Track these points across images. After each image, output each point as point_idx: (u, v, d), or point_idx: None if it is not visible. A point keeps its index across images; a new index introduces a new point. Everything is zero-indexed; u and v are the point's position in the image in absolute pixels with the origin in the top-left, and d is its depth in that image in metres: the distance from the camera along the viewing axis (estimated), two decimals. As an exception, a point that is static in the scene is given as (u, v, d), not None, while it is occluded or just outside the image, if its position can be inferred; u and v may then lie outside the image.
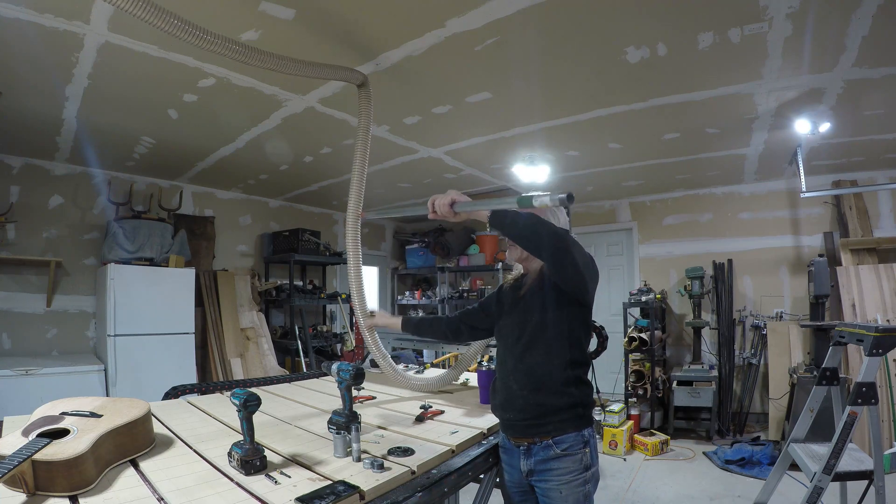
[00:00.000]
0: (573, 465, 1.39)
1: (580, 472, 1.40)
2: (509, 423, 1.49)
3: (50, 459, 0.98)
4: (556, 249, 1.31)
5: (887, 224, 4.51)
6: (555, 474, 1.40)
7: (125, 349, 3.78)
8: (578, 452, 1.40)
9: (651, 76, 2.67)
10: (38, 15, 1.99)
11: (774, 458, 3.50)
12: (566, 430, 1.40)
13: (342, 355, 5.57)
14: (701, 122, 3.38)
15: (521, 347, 1.47)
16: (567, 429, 1.40)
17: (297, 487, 1.08)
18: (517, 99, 3.00)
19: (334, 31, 2.22)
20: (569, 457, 1.39)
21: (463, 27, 2.18)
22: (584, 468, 1.40)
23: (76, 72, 2.50)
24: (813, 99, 2.94)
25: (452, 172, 4.68)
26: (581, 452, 1.40)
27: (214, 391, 2.18)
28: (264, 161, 4.21)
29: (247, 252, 5.53)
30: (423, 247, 6.98)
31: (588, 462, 1.41)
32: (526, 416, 1.43)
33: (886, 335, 1.91)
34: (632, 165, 4.48)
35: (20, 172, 3.91)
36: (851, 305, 4.15)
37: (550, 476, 1.40)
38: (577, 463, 1.39)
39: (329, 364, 1.53)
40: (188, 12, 1.88)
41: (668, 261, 5.60)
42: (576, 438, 1.40)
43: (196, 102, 2.94)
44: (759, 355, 4.85)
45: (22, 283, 3.89)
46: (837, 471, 1.94)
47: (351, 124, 3.33)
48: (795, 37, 2.23)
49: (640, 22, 2.17)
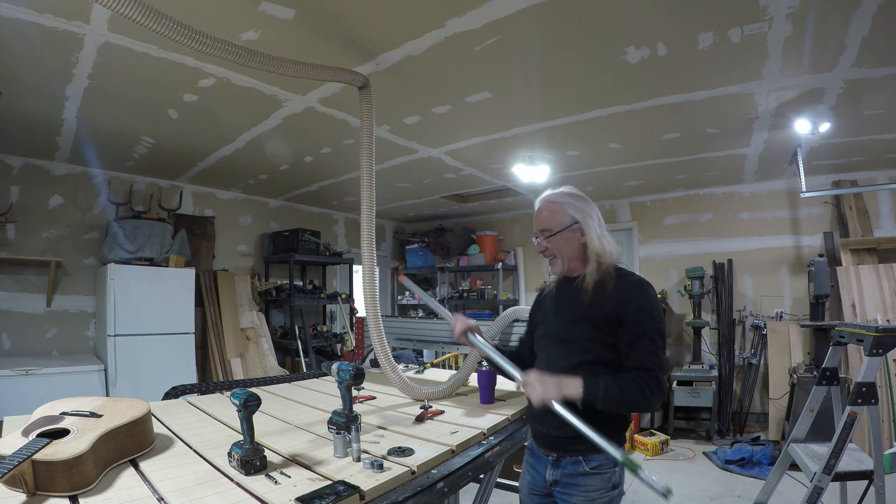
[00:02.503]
0: (600, 484, 1.36)
1: (606, 490, 1.36)
2: (542, 435, 1.46)
3: (50, 459, 0.98)
4: (654, 406, 1.31)
5: (887, 224, 4.51)
6: (580, 489, 1.36)
7: (125, 349, 3.78)
8: (608, 472, 1.36)
9: (651, 76, 2.66)
10: (38, 15, 1.99)
11: (774, 458, 3.50)
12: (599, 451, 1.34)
13: (342, 355, 5.57)
14: (701, 122, 3.37)
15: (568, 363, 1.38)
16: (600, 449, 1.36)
17: (297, 487, 1.08)
18: (517, 99, 2.99)
19: (334, 32, 2.22)
20: (598, 475, 1.36)
21: (463, 27, 2.18)
22: (611, 487, 1.36)
23: (76, 72, 2.49)
24: (813, 99, 2.94)
25: (452, 172, 4.68)
26: (610, 472, 1.36)
27: (214, 391, 2.18)
28: (264, 161, 4.21)
29: (247, 252, 5.53)
30: (423, 247, 6.98)
31: (616, 481, 1.37)
32: (561, 435, 1.37)
33: (886, 335, 1.91)
34: (632, 165, 4.48)
35: (20, 172, 3.91)
36: (851, 305, 4.15)
37: (576, 491, 1.37)
38: (604, 482, 1.36)
39: (329, 364, 1.53)
40: (188, 13, 1.89)
41: (668, 261, 5.60)
42: (607, 458, 1.34)
43: (196, 102, 2.93)
44: (759, 355, 4.85)
45: (22, 283, 3.89)
46: (837, 471, 1.94)
47: (351, 124, 3.33)
48: (795, 37, 2.23)
49: (640, 22, 2.17)
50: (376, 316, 2.12)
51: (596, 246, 1.40)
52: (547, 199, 1.49)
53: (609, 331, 1.34)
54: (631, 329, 1.32)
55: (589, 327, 1.37)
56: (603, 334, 1.35)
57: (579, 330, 1.39)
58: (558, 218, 1.44)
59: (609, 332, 1.34)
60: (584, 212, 1.44)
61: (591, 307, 1.37)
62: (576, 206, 1.45)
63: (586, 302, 1.38)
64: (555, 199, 1.47)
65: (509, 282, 6.75)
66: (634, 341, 1.31)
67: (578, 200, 1.46)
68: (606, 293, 1.36)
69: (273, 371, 4.82)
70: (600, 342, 1.35)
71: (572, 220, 1.43)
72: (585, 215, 1.43)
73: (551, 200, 1.48)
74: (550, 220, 1.46)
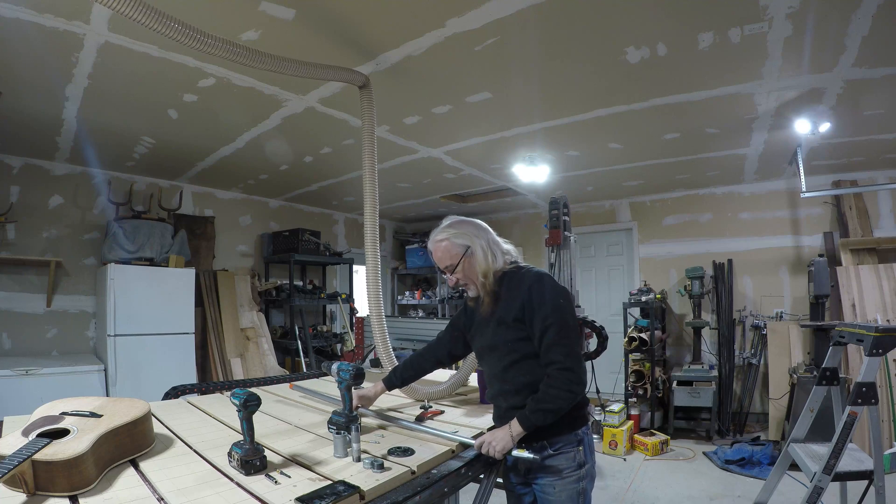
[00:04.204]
0: (567, 463, 1.44)
1: (574, 469, 1.44)
2: None
3: (50, 459, 0.98)
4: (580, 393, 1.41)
5: (887, 224, 4.51)
6: (549, 472, 1.45)
7: (125, 349, 3.78)
8: (572, 451, 1.45)
9: (651, 76, 2.67)
10: (38, 15, 1.99)
11: (774, 458, 3.50)
12: (561, 433, 1.44)
13: (342, 355, 5.57)
14: (701, 122, 3.38)
15: (502, 365, 1.50)
16: (561, 431, 1.44)
17: (297, 487, 1.08)
18: (517, 99, 3.00)
19: (334, 32, 2.22)
20: (562, 455, 1.44)
21: (463, 27, 2.18)
22: (577, 465, 1.45)
23: (76, 72, 2.50)
24: (813, 99, 2.94)
25: (452, 172, 4.68)
26: (574, 451, 1.45)
27: (214, 391, 2.18)
28: (264, 161, 4.21)
29: (247, 252, 5.53)
30: (423, 247, 6.97)
31: (582, 459, 1.46)
32: None
33: (886, 335, 1.90)
34: (632, 165, 4.48)
35: (20, 172, 3.91)
36: (851, 305, 4.15)
37: (546, 473, 1.45)
38: (570, 461, 1.44)
39: (329, 364, 1.53)
40: (188, 12, 1.88)
41: (668, 261, 5.60)
42: (569, 438, 1.45)
43: (196, 102, 2.94)
44: (759, 355, 4.85)
45: (22, 283, 3.89)
46: (837, 471, 1.94)
47: (351, 124, 3.33)
48: (795, 37, 2.23)
49: (640, 22, 2.17)
50: (380, 316, 2.12)
51: (482, 267, 1.49)
52: (434, 240, 1.57)
53: (522, 328, 1.44)
54: (535, 326, 1.41)
55: (506, 329, 1.47)
56: (519, 332, 1.45)
57: (500, 334, 1.49)
58: (451, 251, 1.52)
59: (522, 329, 1.44)
60: (469, 235, 1.52)
61: (501, 311, 1.48)
62: (460, 233, 1.53)
63: (496, 309, 1.50)
64: (441, 238, 1.55)
65: (509, 282, 6.73)
66: (541, 338, 1.40)
67: (460, 227, 1.55)
68: (509, 295, 1.48)
69: (273, 371, 4.82)
70: (521, 339, 1.45)
71: (463, 247, 1.51)
72: (472, 237, 1.52)
73: (438, 240, 1.55)
74: (446, 257, 1.53)
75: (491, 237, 1.56)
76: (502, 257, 1.54)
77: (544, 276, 1.48)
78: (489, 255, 1.51)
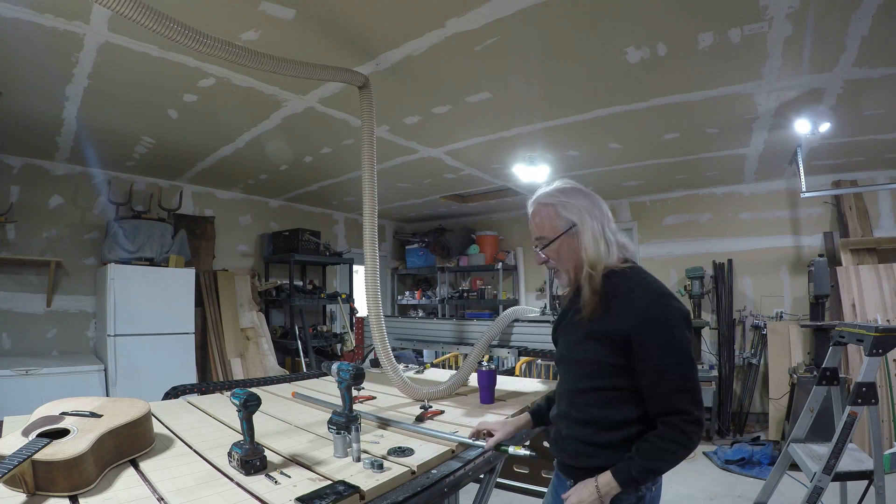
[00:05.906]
0: None
1: None
2: (560, 462, 1.32)
3: (50, 459, 0.98)
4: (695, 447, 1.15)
5: (887, 224, 4.51)
6: None
7: (125, 349, 3.78)
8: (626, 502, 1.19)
9: (651, 76, 2.66)
10: (38, 15, 1.99)
11: (774, 458, 3.50)
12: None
13: (342, 355, 5.57)
14: (701, 122, 3.37)
15: (577, 387, 1.23)
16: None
17: (297, 487, 1.08)
18: (517, 99, 2.99)
19: (334, 32, 2.22)
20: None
21: (463, 27, 2.18)
22: None
23: (76, 72, 2.49)
24: (813, 99, 2.94)
25: (452, 172, 4.68)
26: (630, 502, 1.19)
27: (214, 391, 2.18)
28: (264, 161, 4.21)
29: (247, 252, 5.53)
30: (423, 247, 6.98)
31: None
32: (575, 464, 1.24)
33: (886, 335, 1.91)
34: (632, 165, 4.48)
35: (20, 172, 3.91)
36: (851, 305, 4.15)
37: None
38: None
39: (329, 364, 1.53)
40: (188, 13, 1.89)
41: (668, 261, 5.60)
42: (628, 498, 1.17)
43: (196, 102, 2.93)
44: (759, 355, 4.85)
45: (22, 283, 3.88)
46: (837, 471, 1.94)
47: (351, 124, 3.33)
48: (795, 37, 2.23)
49: (640, 22, 2.17)
50: (378, 316, 2.12)
51: (590, 255, 1.19)
52: (538, 200, 1.29)
53: (619, 353, 1.14)
54: (646, 359, 1.11)
55: (596, 346, 1.18)
56: (612, 356, 1.15)
57: (584, 350, 1.20)
58: (552, 222, 1.25)
59: (619, 354, 1.14)
60: (581, 210, 1.22)
61: (599, 321, 1.17)
62: (571, 205, 1.23)
63: (588, 318, 1.19)
64: (546, 201, 1.27)
65: (509, 282, 6.75)
66: (658, 378, 1.11)
67: (574, 197, 1.25)
68: (614, 303, 1.16)
69: (273, 371, 4.82)
70: (612, 365, 1.16)
71: (568, 223, 1.22)
72: (584, 213, 1.22)
73: (543, 202, 1.27)
74: (544, 226, 1.26)
75: (608, 220, 1.24)
76: (617, 251, 1.22)
77: (666, 295, 1.16)
78: (601, 243, 1.20)
